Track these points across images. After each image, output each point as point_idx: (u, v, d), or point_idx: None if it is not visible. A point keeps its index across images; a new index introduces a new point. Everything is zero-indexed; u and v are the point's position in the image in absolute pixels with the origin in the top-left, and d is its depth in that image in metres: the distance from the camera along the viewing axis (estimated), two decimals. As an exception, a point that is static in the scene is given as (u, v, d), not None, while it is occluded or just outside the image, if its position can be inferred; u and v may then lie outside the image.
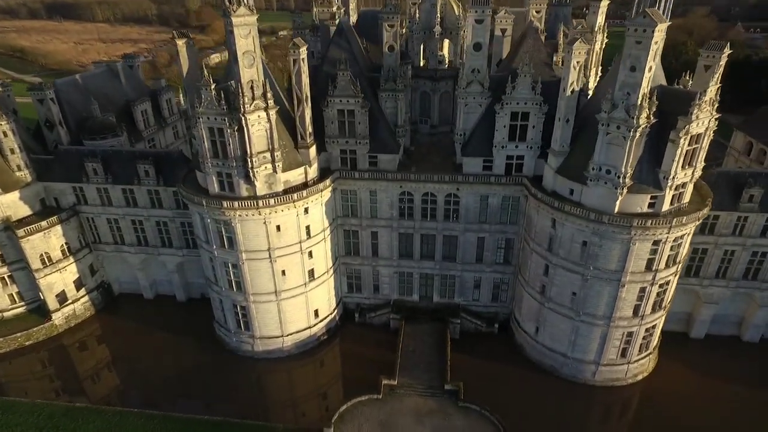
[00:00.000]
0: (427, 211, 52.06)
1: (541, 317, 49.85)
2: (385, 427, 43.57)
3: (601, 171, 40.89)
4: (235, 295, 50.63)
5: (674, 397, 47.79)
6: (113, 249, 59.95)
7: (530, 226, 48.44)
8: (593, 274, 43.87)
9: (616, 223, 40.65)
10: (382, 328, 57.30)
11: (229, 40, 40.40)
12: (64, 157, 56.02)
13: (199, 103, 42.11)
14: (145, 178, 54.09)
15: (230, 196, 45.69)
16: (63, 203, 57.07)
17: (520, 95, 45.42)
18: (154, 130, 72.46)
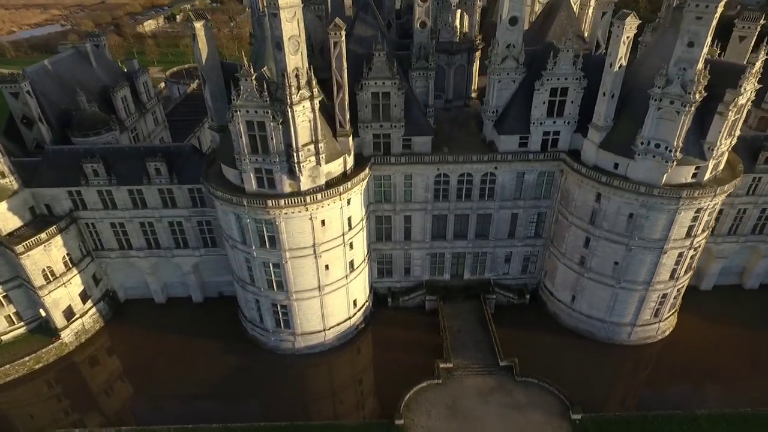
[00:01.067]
0: (463, 192, 51.49)
1: (578, 286, 51.71)
2: (453, 411, 44.25)
3: (650, 145, 41.87)
4: (276, 295, 48.31)
5: (697, 345, 51.94)
6: (119, 255, 54.88)
7: (568, 200, 49.32)
8: (637, 243, 45.73)
9: (666, 195, 42.20)
10: (417, 310, 57.29)
11: (272, 24, 36.48)
12: (54, 159, 49.58)
13: (236, 95, 38.19)
14: (156, 176, 49.18)
15: (271, 194, 42.65)
16: (56, 210, 50.98)
17: (561, 71, 45.01)
18: (135, 118, 65.62)
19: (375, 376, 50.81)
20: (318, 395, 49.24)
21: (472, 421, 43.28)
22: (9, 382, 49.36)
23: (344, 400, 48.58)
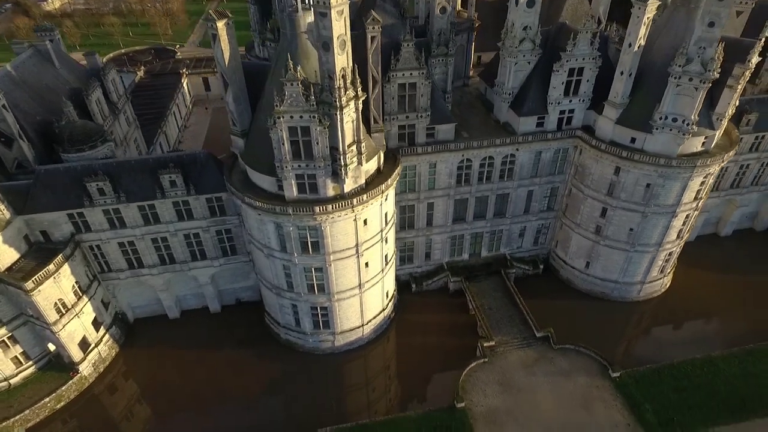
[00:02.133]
0: (484, 175, 52.55)
1: (593, 253, 55.26)
2: (505, 386, 46.65)
3: (667, 119, 44.77)
4: (317, 298, 47.43)
5: (694, 291, 57.76)
6: (129, 275, 50.86)
7: (584, 175, 51.91)
8: (653, 210, 49.43)
9: (683, 165, 45.70)
10: (440, 292, 58.70)
11: (319, 23, 34.20)
12: (48, 180, 44.25)
13: (279, 101, 35.91)
14: (170, 189, 45.52)
15: (314, 199, 41.17)
16: (55, 236, 46.00)
17: (580, 52, 46.38)
18: (111, 121, 59.49)
19: (416, 363, 51.79)
20: (367, 390, 49.77)
21: (525, 393, 45.97)
22: (32, 428, 45.24)
23: (394, 390, 49.52)
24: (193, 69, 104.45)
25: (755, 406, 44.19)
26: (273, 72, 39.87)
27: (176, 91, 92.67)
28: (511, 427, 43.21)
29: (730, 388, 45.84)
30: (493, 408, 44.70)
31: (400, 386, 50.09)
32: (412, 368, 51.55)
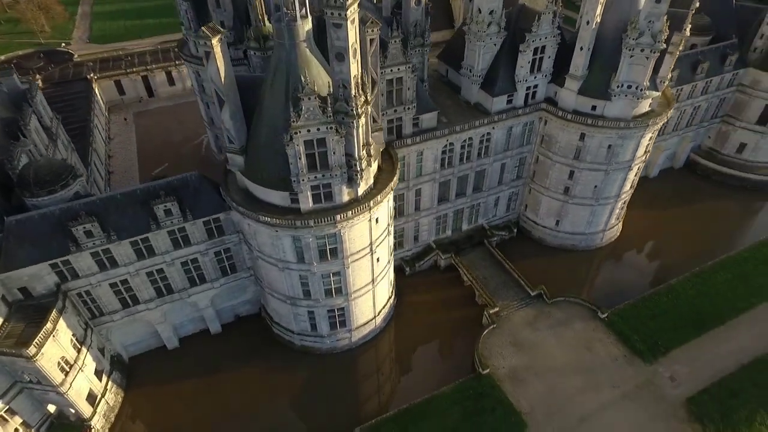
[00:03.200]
0: (464, 155, 55.37)
1: (563, 212, 61.20)
2: (517, 346, 51.38)
3: (623, 87, 50.26)
4: (334, 300, 47.96)
5: (641, 229, 66.60)
6: (123, 315, 47.35)
7: (551, 143, 56.77)
8: (613, 167, 55.73)
9: (638, 125, 51.93)
10: (432, 270, 61.71)
11: (333, 34, 33.55)
12: (22, 232, 39.32)
13: (296, 116, 35.14)
14: (165, 218, 42.63)
15: (330, 207, 41.21)
16: (37, 290, 41.42)
17: (543, 31, 49.92)
18: (51, 149, 53.04)
19: (429, 341, 54.85)
20: (392, 376, 51.95)
21: (536, 348, 51.07)
22: (57, 498, 41.76)
23: (417, 371, 52.10)
24: (102, 72, 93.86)
25: (713, 319, 53.25)
26: (271, 84, 38.44)
27: (91, 100, 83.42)
28: (533, 380, 48.15)
29: (690, 307, 54.56)
30: (513, 367, 49.29)
31: (421, 366, 52.82)
32: (426, 346, 54.48)
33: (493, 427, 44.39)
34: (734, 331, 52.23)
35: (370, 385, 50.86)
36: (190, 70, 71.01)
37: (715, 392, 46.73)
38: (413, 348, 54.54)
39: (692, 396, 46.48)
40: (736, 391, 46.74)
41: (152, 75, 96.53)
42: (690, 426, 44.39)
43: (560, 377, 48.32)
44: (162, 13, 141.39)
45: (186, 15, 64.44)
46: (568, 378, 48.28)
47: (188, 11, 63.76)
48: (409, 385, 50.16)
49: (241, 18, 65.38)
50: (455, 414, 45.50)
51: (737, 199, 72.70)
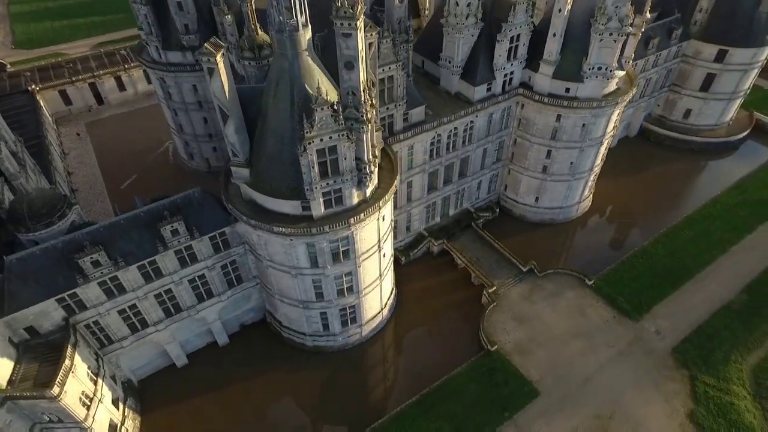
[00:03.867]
0: (451, 144, 57.26)
1: (542, 189, 64.80)
2: (518, 320, 54.76)
3: (594, 69, 53.56)
4: (346, 299, 49.01)
5: (609, 197, 71.66)
6: (132, 339, 46.22)
7: (528, 126, 59.73)
8: (587, 144, 59.56)
9: (610, 103, 55.64)
10: (425, 257, 63.79)
11: (343, 44, 33.86)
12: (25, 269, 37.45)
13: (309, 127, 35.41)
14: (172, 239, 41.77)
15: (342, 210, 41.94)
16: (44, 327, 39.77)
17: (518, 20, 52.05)
18: (23, 175, 49.93)
19: (434, 325, 57.12)
20: (405, 363, 53.95)
21: (535, 320, 54.65)
22: None
23: (428, 356, 54.12)
24: (43, 82, 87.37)
25: (684, 274, 59.00)
26: (274, 94, 38.26)
27: (39, 114, 78.05)
28: (538, 350, 51.77)
29: (663, 266, 60.04)
30: (518, 341, 52.69)
31: (431, 350, 54.98)
32: (432, 331, 56.67)
33: (509, 398, 47.67)
34: (702, 282, 58.19)
35: (386, 375, 52.75)
36: (153, 77, 67.90)
37: (694, 339, 52.32)
38: (420, 334, 56.68)
39: (676, 345, 51.83)
40: (712, 336, 52.54)
41: (100, 81, 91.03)
42: (678, 372, 49.64)
43: (561, 344, 52.22)
44: (90, 11, 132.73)
45: (146, 20, 61.50)
46: (568, 344, 52.27)
47: (148, 16, 60.89)
48: (423, 370, 52.19)
49: (204, 19, 63.31)
50: (472, 391, 48.37)
51: (686, 160, 79.58)
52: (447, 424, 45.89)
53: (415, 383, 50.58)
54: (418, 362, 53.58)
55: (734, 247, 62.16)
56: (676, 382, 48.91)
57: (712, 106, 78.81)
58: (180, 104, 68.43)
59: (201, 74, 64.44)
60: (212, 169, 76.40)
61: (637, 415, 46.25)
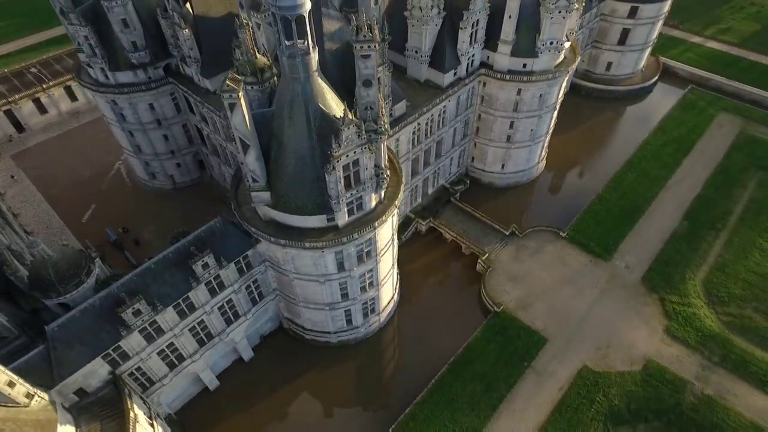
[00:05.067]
0: (428, 130, 60.68)
1: (507, 157, 70.71)
2: (513, 280, 60.99)
3: (546, 44, 58.88)
4: (368, 294, 52.03)
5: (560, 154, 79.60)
6: (171, 376, 46.38)
7: (491, 101, 64.53)
8: (544, 111, 65.73)
9: (562, 72, 61.59)
10: (414, 237, 67.79)
11: (361, 64, 35.71)
12: (68, 334, 36.44)
13: (338, 146, 37.15)
14: (203, 272, 42.04)
15: (363, 215, 44.42)
16: (92, 386, 39.23)
17: (477, 7, 55.50)
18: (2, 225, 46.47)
19: (438, 299, 61.89)
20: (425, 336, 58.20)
21: (527, 276, 61.27)
22: None
23: (443, 328, 58.73)
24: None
25: (636, 212, 68.40)
26: (290, 117, 39.17)
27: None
28: (537, 302, 58.61)
29: (618, 209, 69.00)
30: (518, 298, 59.16)
31: (442, 321, 59.49)
32: (439, 303, 61.27)
33: (524, 349, 54.25)
34: (652, 216, 67.97)
35: (410, 351, 57.00)
36: (101, 100, 63.34)
37: (656, 267, 61.88)
38: (428, 309, 61.03)
39: (644, 275, 61.10)
40: (668, 261, 62.43)
41: (17, 107, 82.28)
42: (650, 297, 58.94)
43: (554, 293, 59.47)
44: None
45: (86, 41, 57.23)
46: (559, 292, 59.64)
47: (89, 37, 56.71)
48: (442, 340, 56.88)
49: (151, 34, 60.14)
50: (492, 350, 54.35)
51: (613, 108, 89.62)
52: (479, 384, 51.61)
53: (438, 353, 55.43)
54: (434, 334, 58.30)
55: (669, 182, 72.66)
56: (649, 306, 58.16)
57: (628, 57, 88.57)
58: (136, 125, 64.89)
59: (157, 92, 62.21)
60: (177, 185, 73.86)
61: (628, 340, 54.91)
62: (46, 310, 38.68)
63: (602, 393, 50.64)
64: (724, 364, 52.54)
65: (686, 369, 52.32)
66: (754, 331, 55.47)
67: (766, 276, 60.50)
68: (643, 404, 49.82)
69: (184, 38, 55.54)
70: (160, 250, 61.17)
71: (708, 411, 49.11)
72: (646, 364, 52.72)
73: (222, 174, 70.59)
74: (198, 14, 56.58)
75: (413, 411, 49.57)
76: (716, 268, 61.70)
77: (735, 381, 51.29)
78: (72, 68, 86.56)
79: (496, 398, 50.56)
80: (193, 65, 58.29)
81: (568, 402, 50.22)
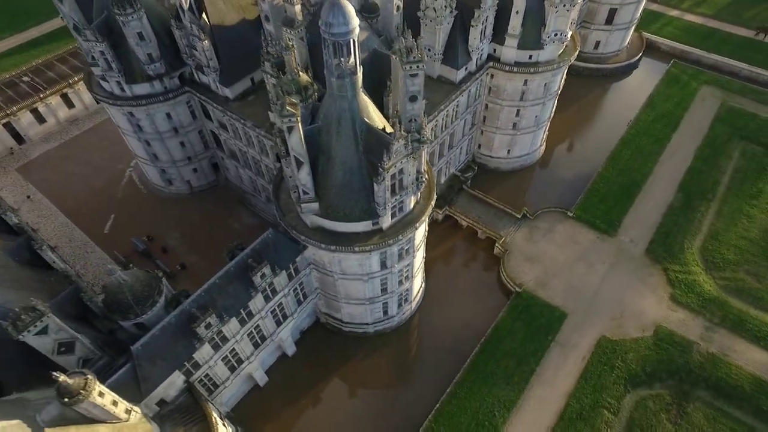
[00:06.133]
0: (443, 125, 63.52)
1: (512, 143, 74.29)
2: (530, 260, 65.54)
3: (551, 36, 61.82)
4: (403, 287, 55.60)
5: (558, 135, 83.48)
6: (232, 378, 49.49)
7: (499, 92, 67.53)
8: (548, 99, 69.19)
9: (565, 61, 64.84)
10: (432, 226, 70.66)
11: (409, 82, 37.95)
12: (150, 352, 39.02)
13: (388, 158, 39.85)
14: (261, 282, 44.71)
15: (404, 216, 47.51)
16: (171, 396, 42.06)
17: (487, 5, 57.78)
18: (55, 256, 47.76)
19: (461, 282, 66.10)
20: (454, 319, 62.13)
21: (543, 257, 65.82)
22: None
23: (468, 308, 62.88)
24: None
25: (634, 188, 73.37)
26: (337, 132, 41.51)
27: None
28: (553, 280, 63.38)
29: (618, 185, 73.83)
30: (536, 277, 63.80)
31: (467, 303, 63.63)
32: (461, 286, 65.45)
33: (547, 325, 59.16)
34: (649, 191, 73.10)
35: (441, 334, 60.99)
36: (117, 112, 63.44)
37: (657, 239, 67.29)
38: (453, 293, 65.10)
39: (647, 247, 66.46)
40: (667, 233, 67.87)
41: (16, 118, 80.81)
42: (654, 268, 64.44)
43: (568, 270, 64.33)
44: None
45: (102, 56, 57.19)
46: (573, 269, 64.53)
47: (106, 52, 56.71)
48: (469, 320, 60.96)
49: (165, 44, 60.36)
50: (519, 328, 59.09)
51: (601, 85, 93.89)
52: (510, 360, 56.43)
53: (466, 334, 59.88)
54: (460, 316, 62.46)
55: (661, 157, 77.76)
56: (654, 276, 63.70)
57: (615, 35, 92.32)
58: (153, 134, 65.47)
59: (174, 102, 62.87)
60: (194, 190, 74.99)
61: (638, 309, 60.43)
62: (121, 329, 40.87)
63: (620, 359, 56.15)
64: (723, 324, 58.67)
65: (691, 331, 58.25)
66: (747, 292, 61.69)
67: (754, 241, 66.68)
68: (656, 366, 55.60)
69: (203, 49, 56.19)
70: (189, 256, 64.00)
71: (713, 367, 55.24)
72: (656, 330, 58.38)
73: (239, 176, 72.08)
74: (214, 24, 57.07)
75: (454, 390, 54.11)
76: (710, 236, 67.50)
77: (734, 339, 57.53)
78: (64, 74, 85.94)
79: (527, 371, 55.53)
80: (212, 74, 59.03)
81: (591, 369, 55.59)
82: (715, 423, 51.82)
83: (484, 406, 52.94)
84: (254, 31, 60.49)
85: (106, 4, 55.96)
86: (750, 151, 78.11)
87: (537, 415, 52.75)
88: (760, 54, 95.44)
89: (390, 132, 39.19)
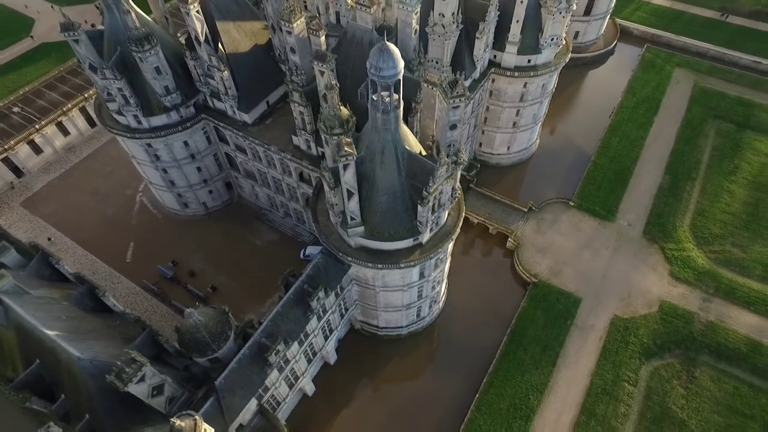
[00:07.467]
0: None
1: (512, 140, 78.59)
2: (541, 251, 70.58)
3: (549, 41, 65.70)
4: (435, 290, 59.62)
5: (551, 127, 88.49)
6: (291, 394, 52.64)
7: (500, 95, 71.32)
8: (544, 98, 73.48)
9: (561, 63, 69.00)
10: (445, 225, 75.36)
11: (451, 113, 41.11)
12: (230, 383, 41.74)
13: (432, 182, 43.19)
14: (317, 305, 47.75)
15: (441, 228, 51.16)
16: (247, 419, 45.02)
17: (490, 18, 60.94)
18: (109, 298, 49.25)
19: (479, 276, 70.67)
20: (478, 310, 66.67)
21: (552, 247, 70.99)
22: None
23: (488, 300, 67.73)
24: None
25: (625, 173, 79.18)
26: (381, 161, 44.43)
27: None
28: (564, 268, 68.73)
29: (611, 172, 79.46)
30: (549, 266, 69.01)
31: (487, 294, 68.38)
32: (480, 280, 70.16)
33: (565, 310, 64.59)
34: (639, 175, 79.08)
35: (468, 328, 65.52)
36: (134, 144, 63.79)
37: (652, 220, 73.47)
38: (473, 287, 69.72)
39: (644, 229, 72.56)
40: (660, 214, 74.14)
41: (13, 152, 79.28)
42: (652, 248, 70.67)
43: (576, 258, 69.81)
44: None
45: (120, 92, 57.62)
46: (580, 255, 70.04)
47: (124, 88, 57.17)
48: (492, 310, 66.04)
49: (178, 74, 61.10)
50: (540, 315, 64.30)
51: (581, 74, 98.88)
52: (536, 346, 61.68)
53: (491, 325, 64.79)
54: (483, 308, 67.18)
55: (647, 141, 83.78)
56: (653, 255, 69.94)
57: (593, 25, 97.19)
58: (171, 162, 66.28)
59: (191, 130, 63.95)
60: (210, 210, 76.23)
61: (643, 287, 66.59)
62: (195, 364, 43.31)
63: (633, 335, 62.26)
64: (718, 294, 65.54)
65: (691, 303, 64.88)
66: (734, 262, 68.76)
67: (736, 214, 73.76)
68: (665, 338, 62.00)
69: (222, 79, 57.38)
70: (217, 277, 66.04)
71: (713, 334, 62.06)
72: (661, 305, 64.72)
73: (254, 194, 73.84)
74: (229, 52, 58.14)
75: (490, 379, 59.03)
76: (698, 213, 74.18)
77: (728, 306, 64.50)
78: (56, 102, 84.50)
79: (552, 355, 60.97)
80: (230, 101, 60.31)
81: (608, 347, 61.50)
82: (720, 383, 58.74)
83: (519, 392, 58.13)
84: (266, 56, 62.11)
85: (118, 40, 56.16)
86: (724, 129, 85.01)
87: (566, 394, 58.37)
88: (722, 34, 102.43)
89: (428, 156, 42.39)
